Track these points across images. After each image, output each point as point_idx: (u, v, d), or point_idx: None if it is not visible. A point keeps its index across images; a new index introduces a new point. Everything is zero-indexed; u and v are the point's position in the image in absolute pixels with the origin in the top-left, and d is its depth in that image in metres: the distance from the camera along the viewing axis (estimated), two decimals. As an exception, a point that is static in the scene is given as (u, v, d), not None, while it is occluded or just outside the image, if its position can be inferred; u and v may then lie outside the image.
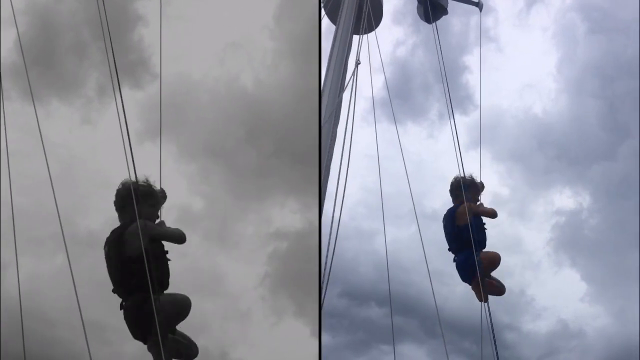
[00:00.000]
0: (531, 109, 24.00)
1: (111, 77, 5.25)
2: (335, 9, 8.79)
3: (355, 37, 8.48)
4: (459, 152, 8.02)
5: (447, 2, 9.98)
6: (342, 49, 8.14)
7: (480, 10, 10.58)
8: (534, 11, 24.41)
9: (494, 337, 7.02)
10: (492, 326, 7.28)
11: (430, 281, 6.95)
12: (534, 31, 24.71)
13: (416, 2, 9.95)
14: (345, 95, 7.66)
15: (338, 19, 8.59)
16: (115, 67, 5.31)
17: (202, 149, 12.57)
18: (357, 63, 7.56)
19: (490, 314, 7.39)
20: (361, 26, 8.54)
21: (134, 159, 4.93)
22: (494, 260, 7.78)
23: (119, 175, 5.33)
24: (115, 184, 5.43)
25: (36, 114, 5.52)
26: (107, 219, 5.53)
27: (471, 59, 22.13)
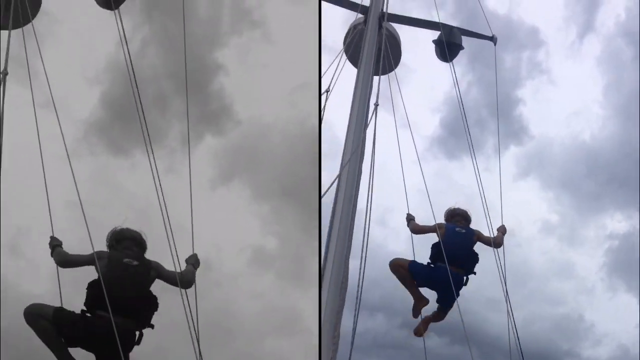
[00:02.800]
0: (579, 136, 24.23)
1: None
2: (356, 53, 9.25)
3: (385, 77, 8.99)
4: (480, 181, 8.37)
5: (461, 39, 10.36)
6: (364, 91, 8.55)
7: (495, 44, 10.95)
8: (586, 41, 24.79)
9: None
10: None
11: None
12: (585, 60, 25.11)
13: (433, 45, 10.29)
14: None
15: (359, 62, 9.04)
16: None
17: (274, 190, 13.09)
18: (376, 104, 8.03)
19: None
20: (380, 66, 9.01)
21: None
22: None
23: (188, 219, 6.04)
24: (186, 228, 6.18)
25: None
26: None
27: (524, 92, 22.64)
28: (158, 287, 5.96)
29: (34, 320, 5.40)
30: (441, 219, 8.28)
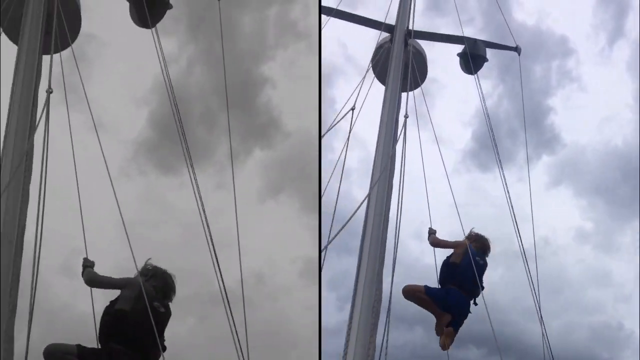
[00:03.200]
0: (612, 141, 24.31)
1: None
2: (384, 72, 9.67)
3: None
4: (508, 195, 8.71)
5: (485, 51, 10.70)
6: (392, 107, 8.97)
7: (519, 54, 11.27)
8: (615, 47, 24.91)
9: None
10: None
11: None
12: (615, 65, 25.21)
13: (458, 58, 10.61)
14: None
15: (387, 79, 9.47)
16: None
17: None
18: (405, 117, 8.45)
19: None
20: (408, 83, 9.44)
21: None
22: None
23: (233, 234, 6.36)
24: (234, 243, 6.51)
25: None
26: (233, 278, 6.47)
27: (555, 101, 22.90)
28: (206, 298, 6.29)
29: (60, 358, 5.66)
30: (467, 232, 8.56)
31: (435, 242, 8.56)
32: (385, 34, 10.13)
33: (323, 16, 10.05)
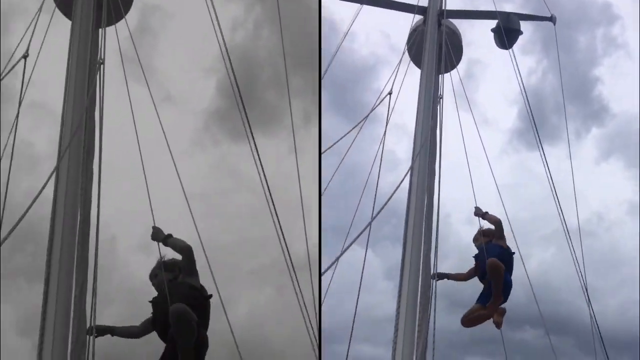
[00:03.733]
0: None
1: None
2: (419, 53, 9.86)
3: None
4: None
5: (519, 24, 10.66)
6: (428, 89, 9.19)
7: (554, 24, 11.26)
8: None
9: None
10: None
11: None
12: None
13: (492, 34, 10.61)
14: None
15: (422, 61, 9.66)
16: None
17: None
18: (440, 98, 8.67)
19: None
20: (442, 64, 9.63)
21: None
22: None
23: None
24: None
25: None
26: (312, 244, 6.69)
27: (602, 70, 22.51)
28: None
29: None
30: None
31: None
32: (419, 17, 10.26)
33: (355, 5, 10.31)
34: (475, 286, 8.93)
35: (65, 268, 5.72)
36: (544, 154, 9.15)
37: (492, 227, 8.87)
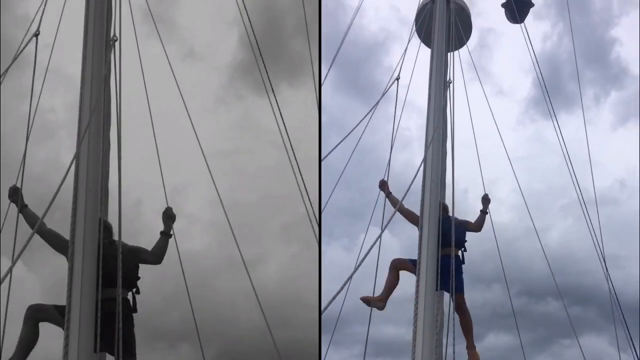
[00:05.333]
0: None
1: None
2: (428, 31, 9.78)
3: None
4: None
5: None
6: (439, 67, 9.13)
7: (566, -5, 11.15)
8: None
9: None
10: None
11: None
12: None
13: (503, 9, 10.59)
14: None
15: (432, 40, 9.59)
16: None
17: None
18: (449, 82, 8.61)
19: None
20: (452, 42, 9.54)
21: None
22: None
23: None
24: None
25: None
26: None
27: (619, 31, 22.02)
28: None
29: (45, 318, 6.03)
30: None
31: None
32: (427, -4, 10.17)
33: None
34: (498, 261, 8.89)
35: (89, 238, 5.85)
36: (559, 124, 8.98)
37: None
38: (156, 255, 6.40)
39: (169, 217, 6.48)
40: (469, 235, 8.02)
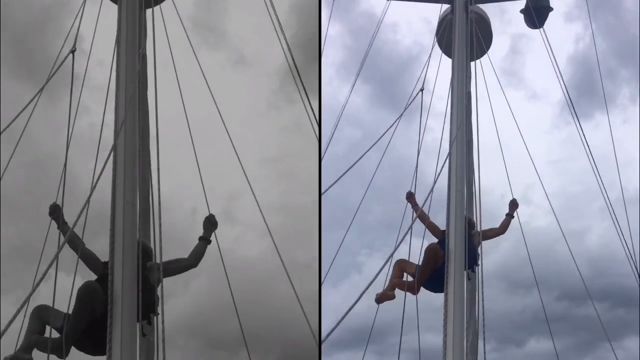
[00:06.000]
0: None
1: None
2: (449, 42, 9.98)
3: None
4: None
5: (548, 1, 10.52)
6: (461, 77, 9.32)
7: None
8: None
9: None
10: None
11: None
12: None
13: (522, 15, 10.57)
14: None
15: (452, 49, 9.79)
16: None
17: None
18: (468, 91, 8.77)
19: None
20: (475, 51, 9.72)
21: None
22: None
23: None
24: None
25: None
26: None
27: None
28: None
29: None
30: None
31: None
32: (446, 6, 10.37)
33: (384, 1, 10.52)
34: (538, 265, 8.96)
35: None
36: (581, 129, 9.03)
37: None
38: (194, 259, 6.38)
39: (211, 223, 6.50)
40: (505, 242, 8.14)
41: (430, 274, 7.53)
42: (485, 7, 10.53)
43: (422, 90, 9.09)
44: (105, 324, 5.55)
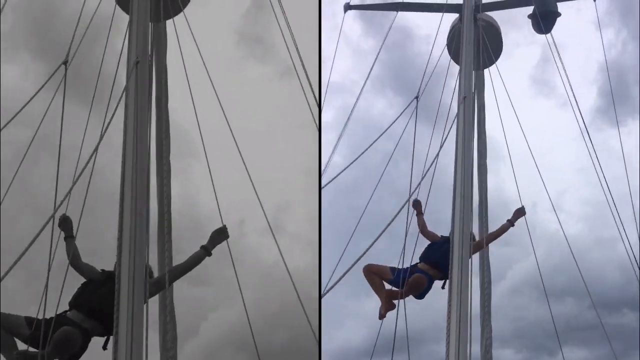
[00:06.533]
0: None
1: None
2: (457, 50, 10.13)
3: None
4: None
5: (555, 5, 10.56)
6: (468, 85, 9.45)
7: (595, 0, 11.27)
8: None
9: None
10: None
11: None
12: None
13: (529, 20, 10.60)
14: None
15: (460, 57, 9.92)
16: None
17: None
18: (468, 96, 8.91)
19: None
20: (485, 57, 9.87)
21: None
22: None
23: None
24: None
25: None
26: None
27: None
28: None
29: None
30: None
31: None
32: (454, 15, 10.52)
33: (392, 12, 10.72)
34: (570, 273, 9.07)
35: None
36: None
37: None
38: (190, 264, 6.30)
39: (220, 233, 6.42)
40: (537, 250, 8.24)
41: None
42: (507, 15, 10.75)
43: (416, 98, 9.23)
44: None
